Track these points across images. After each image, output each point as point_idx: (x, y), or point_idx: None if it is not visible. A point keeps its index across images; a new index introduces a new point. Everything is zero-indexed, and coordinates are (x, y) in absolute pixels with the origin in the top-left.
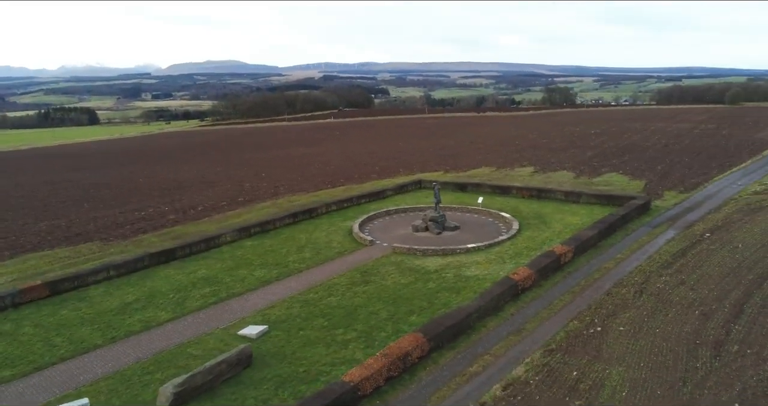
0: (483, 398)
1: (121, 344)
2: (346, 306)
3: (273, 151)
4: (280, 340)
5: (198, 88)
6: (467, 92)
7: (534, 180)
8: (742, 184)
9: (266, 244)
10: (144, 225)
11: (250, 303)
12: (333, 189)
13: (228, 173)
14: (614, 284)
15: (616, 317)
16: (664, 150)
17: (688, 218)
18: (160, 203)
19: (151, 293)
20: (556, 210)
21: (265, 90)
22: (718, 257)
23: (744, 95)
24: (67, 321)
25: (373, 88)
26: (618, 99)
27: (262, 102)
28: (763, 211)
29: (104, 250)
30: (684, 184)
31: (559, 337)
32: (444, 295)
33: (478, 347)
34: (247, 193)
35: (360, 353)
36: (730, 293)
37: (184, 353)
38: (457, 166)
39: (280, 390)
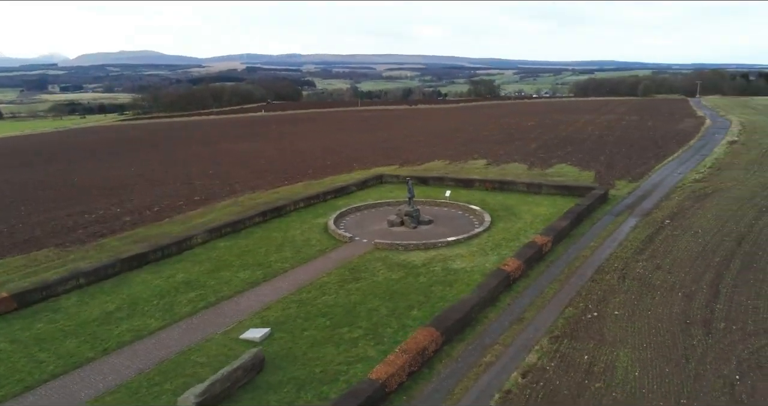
0: (505, 386)
1: (116, 356)
2: (343, 304)
3: (210, 146)
4: (286, 342)
5: (112, 80)
6: (394, 84)
7: (490, 172)
8: (681, 172)
9: (241, 244)
10: (99, 228)
11: (243, 306)
12: (292, 186)
13: (171, 171)
14: (596, 271)
15: (607, 302)
16: (600, 141)
17: (644, 206)
18: (107, 203)
19: (132, 301)
20: (521, 201)
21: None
22: (684, 243)
23: (654, 88)
24: (46, 335)
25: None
26: (539, 91)
27: (187, 95)
28: (708, 198)
29: (63, 257)
30: (630, 173)
31: (560, 323)
32: (438, 288)
33: (485, 337)
34: (202, 191)
35: (372, 350)
36: (703, 276)
37: (188, 361)
38: (409, 159)
39: (302, 392)
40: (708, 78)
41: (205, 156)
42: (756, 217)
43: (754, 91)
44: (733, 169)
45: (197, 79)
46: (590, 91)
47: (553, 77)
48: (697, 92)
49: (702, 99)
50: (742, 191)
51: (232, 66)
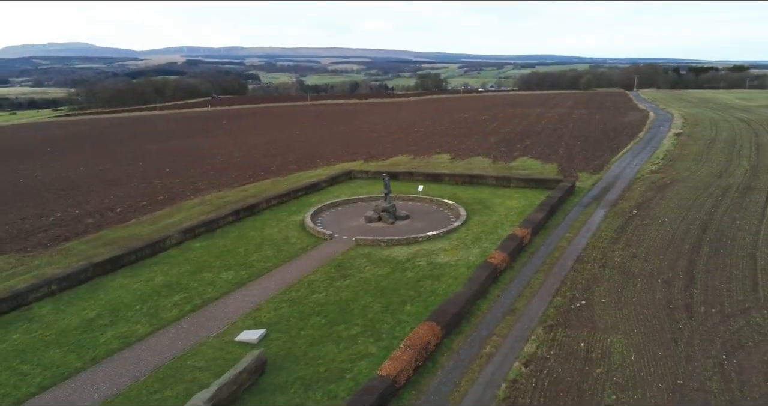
0: (510, 376)
1: (107, 365)
2: (335, 302)
3: (160, 143)
4: (283, 342)
5: (41, 74)
6: (340, 78)
7: (457, 166)
8: (636, 164)
9: (218, 244)
10: (61, 231)
11: (232, 308)
12: (259, 183)
13: (124, 169)
14: (576, 261)
15: (592, 291)
16: (555, 135)
17: (609, 197)
18: (63, 205)
19: (113, 307)
20: (492, 195)
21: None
22: (653, 231)
23: (595, 82)
24: (25, 346)
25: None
26: (484, 85)
27: (127, 89)
28: (668, 188)
29: (27, 262)
30: (590, 165)
31: (551, 313)
32: (427, 283)
33: (482, 329)
34: (164, 191)
35: (373, 346)
36: (677, 262)
37: (185, 367)
38: (373, 154)
39: (309, 392)
40: (644, 72)
41: (156, 153)
42: (714, 205)
43: (685, 84)
44: (685, 161)
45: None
46: (534, 85)
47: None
48: (634, 86)
49: (640, 92)
50: (696, 181)
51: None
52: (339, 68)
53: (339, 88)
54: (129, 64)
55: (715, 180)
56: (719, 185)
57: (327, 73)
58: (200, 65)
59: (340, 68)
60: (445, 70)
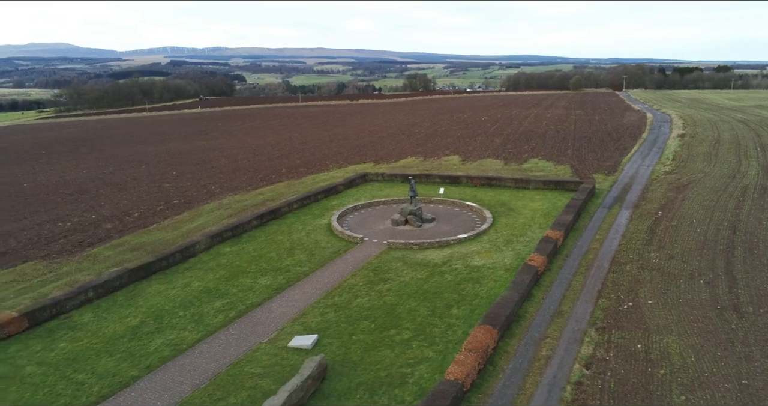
0: (573, 378)
1: (162, 372)
2: (380, 306)
3: (157, 145)
4: (337, 347)
5: (22, 75)
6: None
7: (470, 168)
8: (648, 165)
9: (248, 249)
10: (82, 237)
11: (277, 313)
12: (273, 186)
13: (129, 172)
14: (612, 262)
15: (636, 292)
16: (559, 136)
17: (630, 198)
18: (77, 210)
19: (155, 314)
20: (513, 197)
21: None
22: (684, 232)
23: (583, 82)
24: (75, 354)
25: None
26: (472, 85)
27: (114, 90)
28: (686, 189)
29: (55, 269)
30: (603, 167)
31: (599, 314)
32: (468, 286)
33: (533, 332)
34: (176, 194)
35: (428, 351)
36: (714, 263)
37: (243, 373)
38: (382, 156)
39: (375, 397)
40: (632, 72)
41: (156, 155)
42: (737, 206)
43: (671, 85)
44: (696, 162)
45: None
46: (521, 86)
47: (482, 71)
48: (623, 86)
49: (630, 93)
50: (713, 182)
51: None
52: (325, 69)
53: (326, 88)
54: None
55: (730, 181)
56: (736, 186)
57: (313, 73)
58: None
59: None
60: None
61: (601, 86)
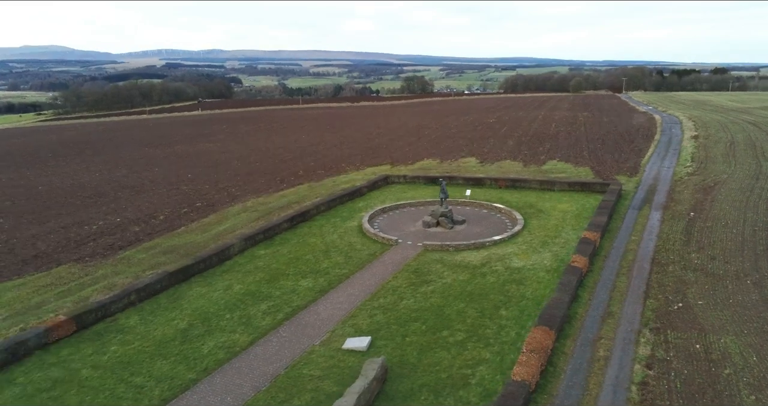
0: (636, 378)
1: (220, 375)
2: (428, 308)
3: (164, 148)
4: (392, 349)
5: (16, 77)
6: (322, 81)
7: (490, 170)
8: (668, 166)
9: (282, 251)
10: (112, 240)
11: (324, 315)
12: (295, 188)
13: (144, 176)
14: (653, 263)
15: (684, 293)
16: (571, 138)
17: (658, 200)
18: (100, 213)
19: (202, 316)
20: (539, 199)
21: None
22: (720, 234)
23: (583, 84)
24: (129, 358)
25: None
26: (470, 87)
27: (113, 93)
28: (713, 190)
29: (90, 272)
30: (623, 168)
31: (649, 315)
32: (512, 287)
33: (587, 332)
34: (197, 197)
35: (485, 352)
36: (757, 264)
37: (302, 376)
38: (398, 159)
39: (440, 398)
40: (631, 74)
41: (165, 158)
42: (767, 207)
43: (669, 86)
44: (716, 163)
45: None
46: (519, 88)
47: (478, 73)
48: (623, 88)
49: (631, 95)
50: (737, 183)
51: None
52: (321, 71)
53: (323, 91)
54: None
55: (754, 182)
56: (762, 188)
57: (309, 76)
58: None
59: (322, 71)
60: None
61: (600, 88)
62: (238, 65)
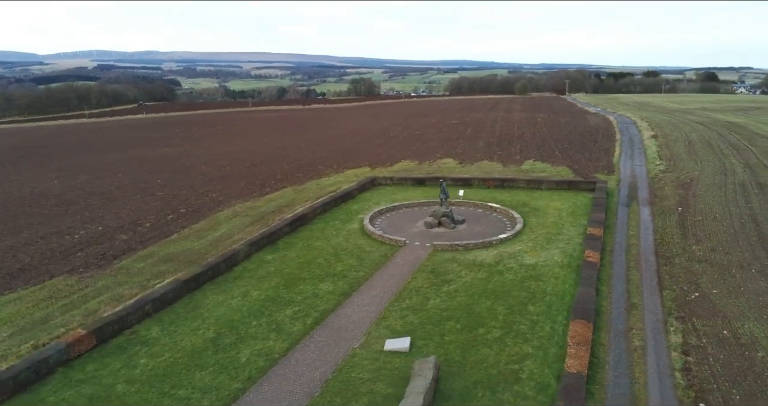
0: (676, 365)
1: (267, 383)
2: (456, 307)
3: (119, 153)
4: (434, 348)
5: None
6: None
7: (471, 171)
8: (639, 164)
9: (290, 256)
10: (100, 249)
11: (355, 318)
12: (280, 192)
13: (109, 182)
14: (657, 256)
15: (697, 283)
16: (537, 138)
17: (642, 196)
18: (77, 222)
19: (228, 325)
20: (530, 197)
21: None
22: (712, 227)
23: (528, 87)
24: (163, 370)
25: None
26: (416, 90)
27: (47, 96)
28: (690, 186)
29: (90, 284)
30: (598, 167)
31: (670, 305)
32: (532, 284)
33: (617, 324)
34: (179, 203)
35: (526, 347)
36: (756, 254)
37: (352, 379)
38: (375, 161)
39: (498, 394)
40: (573, 77)
41: (126, 164)
42: (745, 201)
43: (606, 89)
44: (683, 161)
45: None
46: (464, 90)
47: (421, 76)
48: (566, 90)
49: (576, 96)
50: (710, 179)
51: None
52: (262, 73)
53: (266, 93)
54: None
55: (725, 178)
56: (733, 183)
57: (251, 78)
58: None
59: (264, 73)
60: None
61: (543, 90)
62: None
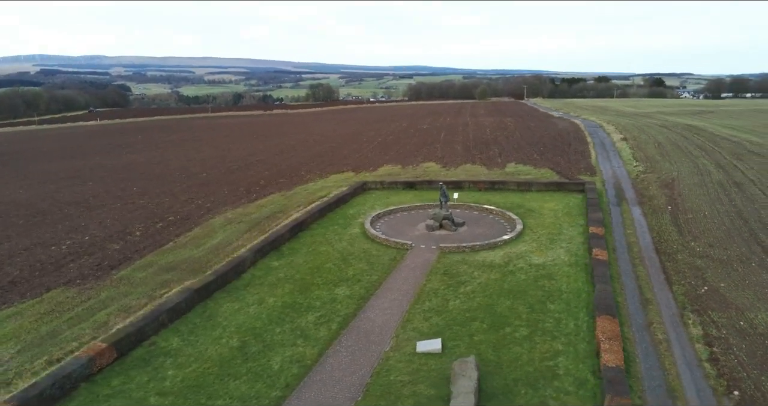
0: (702, 356)
1: (307, 390)
2: (478, 308)
3: (81, 160)
4: (465, 349)
5: None
6: (219, 89)
7: (457, 174)
8: (618, 166)
9: (297, 261)
10: (95, 260)
11: (380, 322)
12: (269, 198)
13: (82, 190)
14: (658, 253)
15: (702, 277)
16: (512, 142)
17: (629, 196)
18: (59, 232)
19: (251, 332)
20: (524, 199)
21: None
22: (704, 224)
23: (489, 91)
24: (195, 381)
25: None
26: (375, 95)
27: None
28: (673, 186)
29: (93, 296)
30: (580, 169)
31: (682, 299)
32: (546, 282)
33: (636, 318)
34: (165, 211)
35: (555, 344)
36: (751, 248)
37: (393, 382)
38: (357, 166)
39: (540, 391)
40: (530, 82)
41: (92, 171)
42: (728, 197)
43: (562, 94)
44: (658, 162)
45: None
46: (423, 95)
47: (377, 81)
48: (524, 95)
49: (535, 101)
50: (689, 179)
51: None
52: (216, 79)
53: (222, 99)
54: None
55: (702, 178)
56: (711, 182)
57: (204, 83)
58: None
59: (218, 79)
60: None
61: (501, 95)
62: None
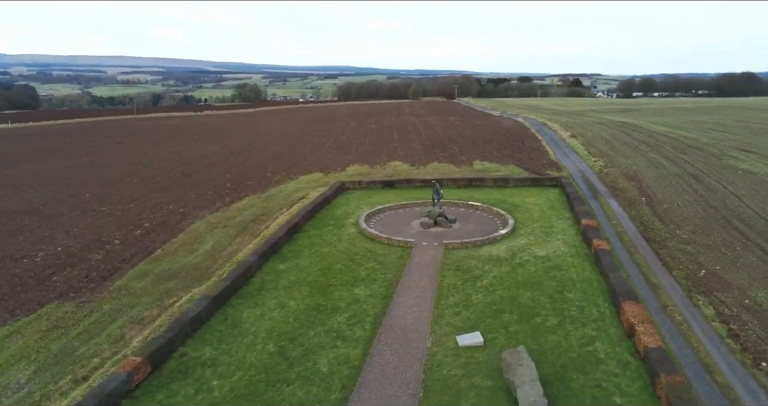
0: (721, 332)
1: (365, 390)
2: (501, 300)
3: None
4: (505, 340)
5: None
6: (135, 89)
7: (428, 172)
8: (578, 162)
9: (303, 264)
10: (80, 271)
11: (411, 319)
12: (246, 200)
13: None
14: (648, 242)
15: (697, 262)
16: (466, 140)
17: (601, 189)
18: (23, 243)
19: (285, 337)
20: (504, 194)
21: None
22: (681, 213)
23: (421, 91)
24: (244, 390)
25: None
26: (304, 95)
27: None
28: (638, 179)
29: (96, 309)
30: (545, 165)
31: (685, 283)
32: (556, 273)
33: (650, 301)
34: (138, 217)
35: (587, 330)
36: (730, 233)
37: (448, 376)
38: (323, 166)
39: (590, 375)
40: (460, 82)
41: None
42: (691, 188)
43: (488, 93)
44: (614, 157)
45: None
46: (353, 95)
47: (301, 81)
48: (455, 94)
49: (467, 100)
50: (650, 172)
51: None
52: (130, 79)
53: (139, 100)
54: None
55: (659, 171)
56: (669, 174)
57: (117, 83)
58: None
59: (132, 79)
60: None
61: (431, 95)
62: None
